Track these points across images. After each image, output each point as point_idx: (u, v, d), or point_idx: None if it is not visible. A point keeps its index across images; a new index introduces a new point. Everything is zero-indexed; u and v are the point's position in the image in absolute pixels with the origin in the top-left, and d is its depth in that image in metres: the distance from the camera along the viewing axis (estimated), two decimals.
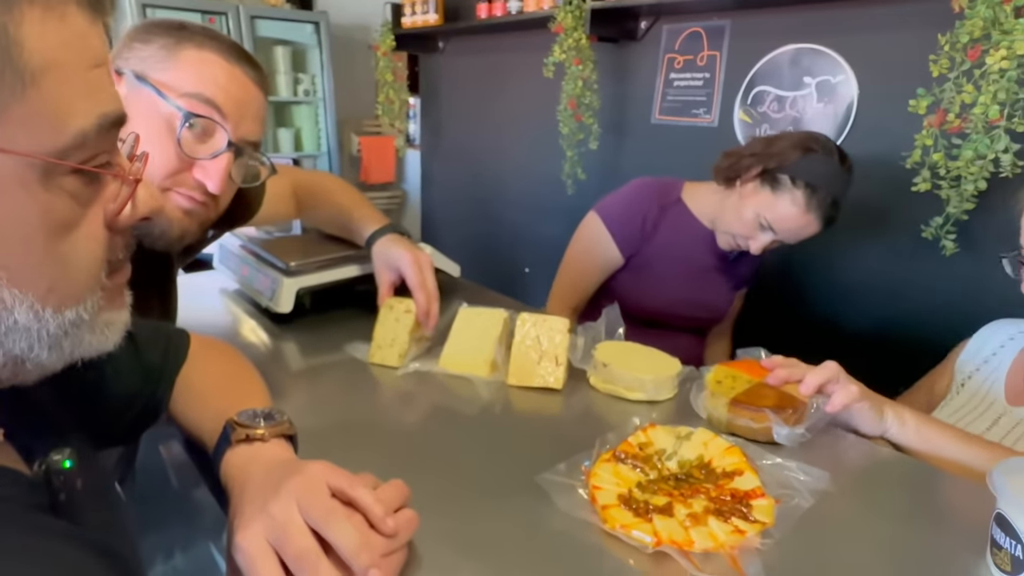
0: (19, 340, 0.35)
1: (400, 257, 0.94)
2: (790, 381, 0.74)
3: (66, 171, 0.34)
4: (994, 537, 0.51)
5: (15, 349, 0.35)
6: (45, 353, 0.37)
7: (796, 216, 1.11)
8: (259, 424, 0.56)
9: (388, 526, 0.47)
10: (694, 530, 0.54)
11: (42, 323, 0.35)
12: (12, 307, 0.34)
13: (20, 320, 0.34)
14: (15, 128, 0.31)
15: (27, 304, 0.34)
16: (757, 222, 1.14)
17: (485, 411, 0.78)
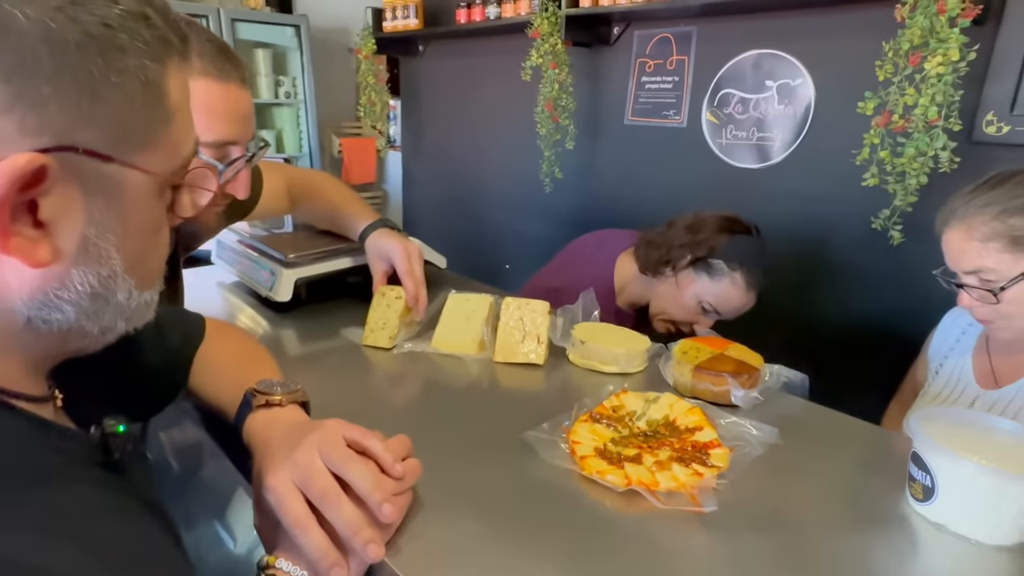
0: (113, 314, 0.43)
1: (391, 248, 1.01)
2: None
3: (169, 186, 0.43)
4: (910, 472, 0.61)
5: (107, 321, 0.43)
6: (123, 325, 0.45)
7: (738, 296, 1.20)
8: (276, 391, 0.64)
9: (397, 470, 0.54)
10: (659, 474, 0.62)
11: (130, 301, 0.43)
12: (117, 289, 0.42)
13: (120, 299, 0.42)
14: (156, 156, 0.40)
15: (128, 287, 0.42)
16: (700, 307, 1.22)
17: (474, 384, 0.86)
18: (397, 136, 3.62)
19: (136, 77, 0.38)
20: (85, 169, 0.37)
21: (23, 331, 0.41)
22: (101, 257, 0.40)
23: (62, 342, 0.44)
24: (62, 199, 0.37)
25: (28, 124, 0.34)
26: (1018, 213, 0.90)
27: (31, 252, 0.37)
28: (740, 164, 1.95)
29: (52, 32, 0.33)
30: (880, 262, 1.63)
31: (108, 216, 0.40)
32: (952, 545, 0.57)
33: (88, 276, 0.40)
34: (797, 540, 0.56)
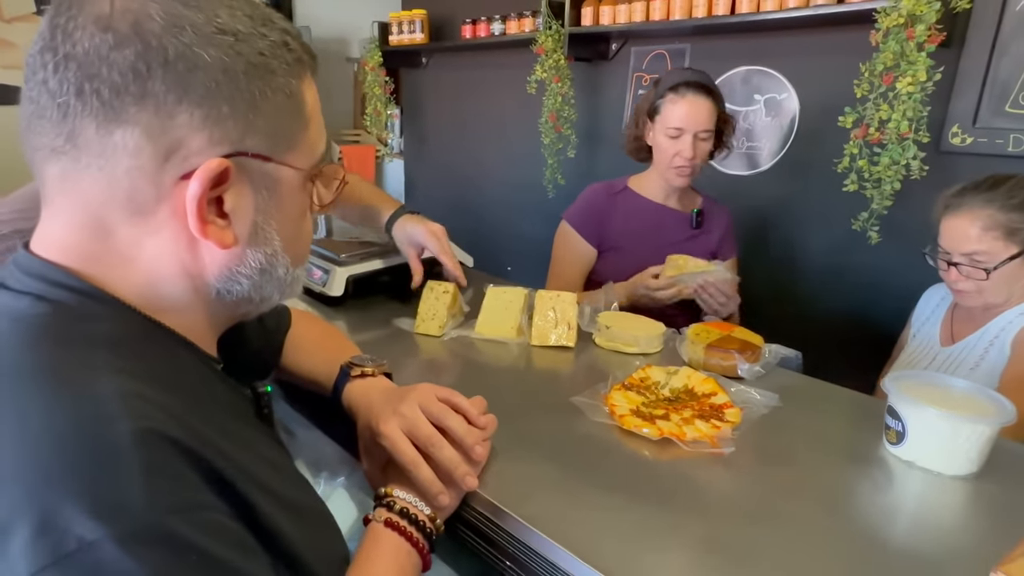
0: (273, 287, 0.55)
1: (416, 232, 1.14)
2: None
3: (311, 177, 0.54)
4: (886, 421, 0.76)
5: (266, 292, 0.55)
6: (277, 296, 0.57)
7: (687, 106, 1.38)
8: (368, 364, 0.77)
9: (481, 421, 0.68)
10: (685, 427, 0.76)
11: (287, 275, 0.55)
12: (278, 265, 0.54)
13: (280, 273, 0.54)
14: (300, 154, 0.51)
15: (286, 263, 0.54)
16: (669, 137, 1.40)
17: (516, 364, 0.99)
18: (397, 144, 3.74)
19: (283, 92, 0.48)
20: (252, 168, 0.48)
21: (214, 301, 0.53)
22: (267, 239, 0.51)
23: (236, 308, 0.56)
24: (238, 193, 0.48)
25: (215, 137, 0.45)
26: (1016, 210, 1.11)
27: (221, 237, 0.48)
28: (731, 171, 2.11)
29: (227, 64, 0.44)
30: (859, 260, 1.80)
31: (270, 205, 0.51)
32: (920, 477, 0.71)
33: (258, 255, 0.52)
34: (798, 474, 0.71)
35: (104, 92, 0.42)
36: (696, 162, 1.42)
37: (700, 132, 1.40)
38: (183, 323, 0.52)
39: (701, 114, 1.39)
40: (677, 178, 1.44)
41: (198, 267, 0.50)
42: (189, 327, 0.53)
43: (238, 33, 0.45)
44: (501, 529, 0.63)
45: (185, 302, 0.52)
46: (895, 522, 0.64)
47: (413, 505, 0.62)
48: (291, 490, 0.55)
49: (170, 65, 0.42)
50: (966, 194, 1.16)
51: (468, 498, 0.66)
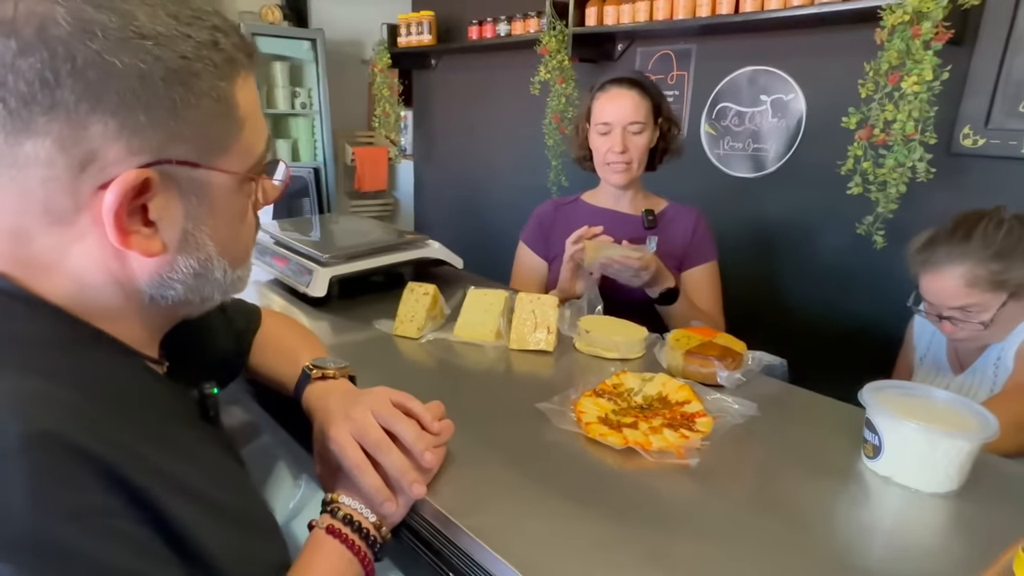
0: (211, 288, 0.54)
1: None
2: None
3: (248, 180, 0.53)
4: (864, 435, 0.72)
5: (205, 293, 0.54)
6: (218, 297, 0.56)
7: (611, 100, 1.36)
8: (330, 366, 0.76)
9: (435, 427, 0.66)
10: (652, 436, 0.74)
11: (226, 278, 0.55)
12: (214, 269, 0.53)
13: (217, 276, 0.53)
14: (233, 158, 0.50)
15: (223, 266, 0.53)
16: (599, 134, 1.38)
17: (492, 368, 0.97)
18: (408, 145, 3.75)
19: (210, 96, 0.46)
20: (179, 176, 0.47)
21: (148, 306, 0.52)
22: (199, 244, 0.50)
23: (173, 312, 0.55)
24: (165, 202, 0.47)
25: (133, 146, 0.44)
26: (994, 259, 1.05)
27: (146, 246, 0.47)
28: (736, 174, 2.07)
29: (143, 71, 0.43)
30: (865, 264, 1.75)
31: (200, 211, 0.50)
32: (897, 493, 0.68)
33: (190, 260, 0.51)
34: (766, 488, 0.68)
35: (10, 102, 0.40)
36: (630, 157, 1.37)
37: (629, 125, 1.36)
38: (117, 326, 0.51)
39: (626, 106, 1.35)
40: (613, 175, 1.40)
41: (127, 274, 0.49)
42: (123, 330, 0.52)
43: (157, 37, 0.44)
44: (447, 540, 0.61)
45: (117, 307, 0.51)
46: (867, 541, 0.61)
47: (357, 512, 0.61)
48: (227, 496, 0.54)
49: (79, 73, 0.41)
50: (938, 247, 1.10)
51: (417, 506, 0.64)
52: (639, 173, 1.41)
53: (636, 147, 1.37)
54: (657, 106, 1.39)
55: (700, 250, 1.44)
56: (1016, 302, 1.07)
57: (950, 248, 1.09)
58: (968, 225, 1.09)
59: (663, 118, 1.41)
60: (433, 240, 1.36)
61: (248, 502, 0.58)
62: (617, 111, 1.35)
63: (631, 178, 1.40)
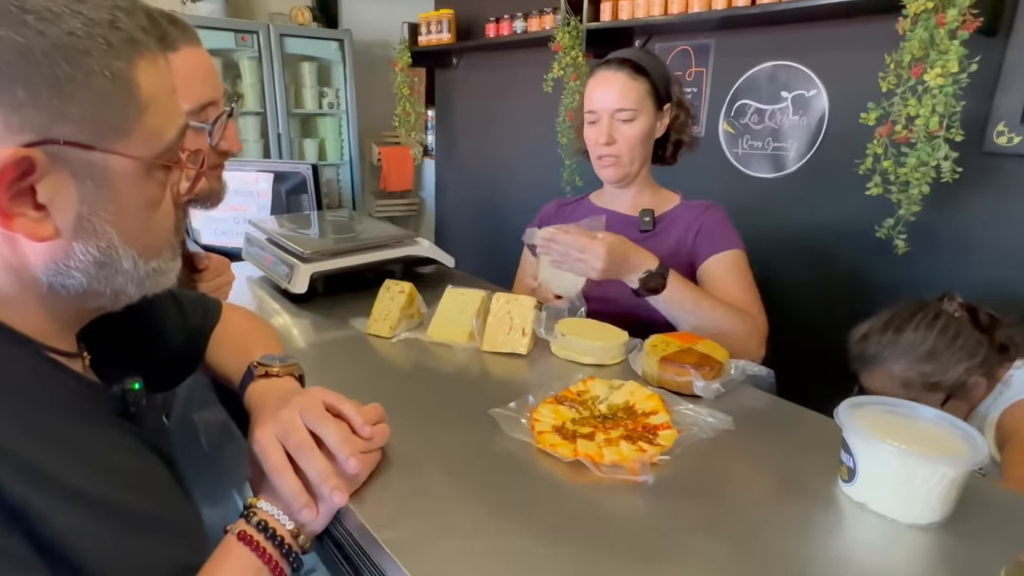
0: (121, 279, 0.52)
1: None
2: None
3: (158, 167, 0.51)
4: (840, 457, 0.65)
5: (117, 285, 0.52)
6: (133, 289, 0.54)
7: (598, 84, 1.21)
8: (275, 364, 0.73)
9: (365, 431, 0.63)
10: (606, 449, 0.69)
11: (137, 268, 0.52)
12: (121, 258, 0.51)
13: (126, 266, 0.51)
14: (135, 142, 0.48)
15: (131, 256, 0.51)
16: (589, 124, 1.24)
17: (461, 370, 0.93)
18: (432, 144, 3.75)
19: (102, 75, 0.44)
20: (71, 158, 0.45)
21: (48, 295, 0.50)
22: (97, 231, 0.48)
23: (81, 302, 0.53)
24: (55, 184, 0.45)
25: (12, 124, 0.42)
26: (924, 361, 1.00)
27: (35, 230, 0.45)
28: (756, 173, 1.97)
29: (20, 45, 0.41)
30: (887, 271, 1.64)
31: (98, 196, 0.47)
32: (871, 523, 0.61)
33: (88, 247, 0.48)
34: (726, 510, 0.62)
35: None
36: (619, 150, 1.20)
37: (616, 112, 1.19)
38: (15, 315, 0.50)
39: (613, 91, 1.18)
40: (602, 170, 1.26)
41: (19, 259, 0.48)
42: (24, 320, 0.50)
43: (41, 12, 0.42)
44: (363, 553, 0.57)
45: (14, 295, 0.49)
46: (831, 574, 0.55)
47: (274, 518, 0.58)
48: (127, 497, 0.52)
49: None
50: (870, 343, 1.05)
51: (340, 515, 0.61)
52: (635, 168, 1.24)
53: (626, 138, 1.20)
54: (660, 89, 1.21)
55: (710, 240, 1.21)
56: (959, 400, 1.00)
57: (880, 347, 1.04)
58: (901, 320, 1.03)
59: (672, 103, 1.24)
60: (423, 238, 1.33)
61: (157, 503, 0.56)
62: (603, 97, 1.20)
63: (624, 174, 1.24)
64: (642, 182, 1.29)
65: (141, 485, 0.54)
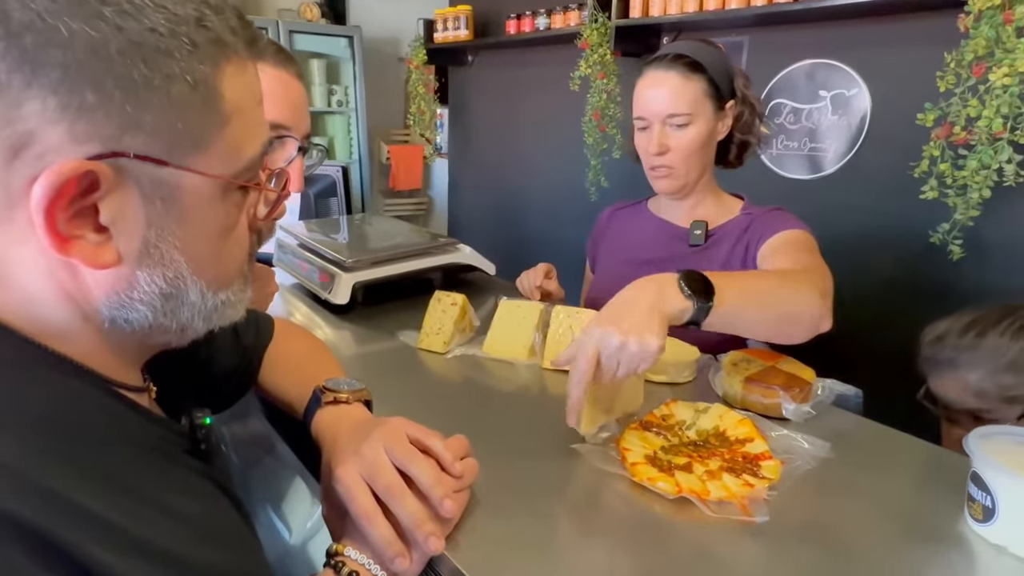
0: (190, 313, 0.46)
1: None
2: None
3: (236, 187, 0.44)
4: (970, 492, 0.60)
5: (183, 319, 0.46)
6: (200, 323, 0.47)
7: (646, 88, 1.10)
8: (344, 389, 0.67)
9: (456, 469, 0.57)
10: (710, 483, 0.63)
11: (204, 301, 0.46)
12: (188, 290, 0.44)
13: (193, 298, 0.45)
14: (213, 159, 0.41)
15: (199, 287, 0.45)
16: (639, 130, 1.14)
17: (524, 389, 0.88)
18: (444, 144, 3.69)
19: (184, 80, 0.38)
20: (140, 173, 0.39)
21: (110, 330, 0.44)
22: (164, 259, 0.42)
23: (146, 338, 0.47)
24: (120, 203, 0.39)
25: (77, 132, 0.36)
26: (1006, 371, 0.89)
27: (94, 255, 0.39)
28: (791, 175, 1.92)
29: (94, 41, 0.35)
30: (938, 277, 1.58)
31: (168, 219, 0.41)
32: (1013, 567, 0.56)
33: (154, 276, 0.42)
34: (849, 555, 0.56)
35: None
36: (673, 160, 1.09)
37: (668, 118, 1.08)
38: (78, 349, 0.44)
39: (663, 95, 1.07)
40: (655, 181, 1.15)
41: (80, 289, 0.41)
42: (89, 354, 0.44)
43: (121, 3, 0.36)
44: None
45: (76, 330, 0.43)
46: None
47: (365, 568, 0.52)
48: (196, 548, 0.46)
49: (14, 37, 0.33)
50: (945, 348, 0.94)
51: (433, 561, 0.55)
52: (693, 178, 1.12)
53: (682, 147, 1.08)
54: (720, 85, 1.09)
55: (763, 228, 1.09)
56: None
57: (957, 352, 0.93)
58: (984, 324, 0.92)
59: (736, 100, 1.12)
60: (464, 244, 1.27)
61: (230, 554, 0.50)
62: (652, 101, 1.08)
63: (680, 185, 1.13)
64: (702, 191, 1.17)
65: (215, 535, 0.49)
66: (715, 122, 1.11)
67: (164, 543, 0.42)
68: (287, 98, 0.79)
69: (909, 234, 1.61)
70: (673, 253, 1.18)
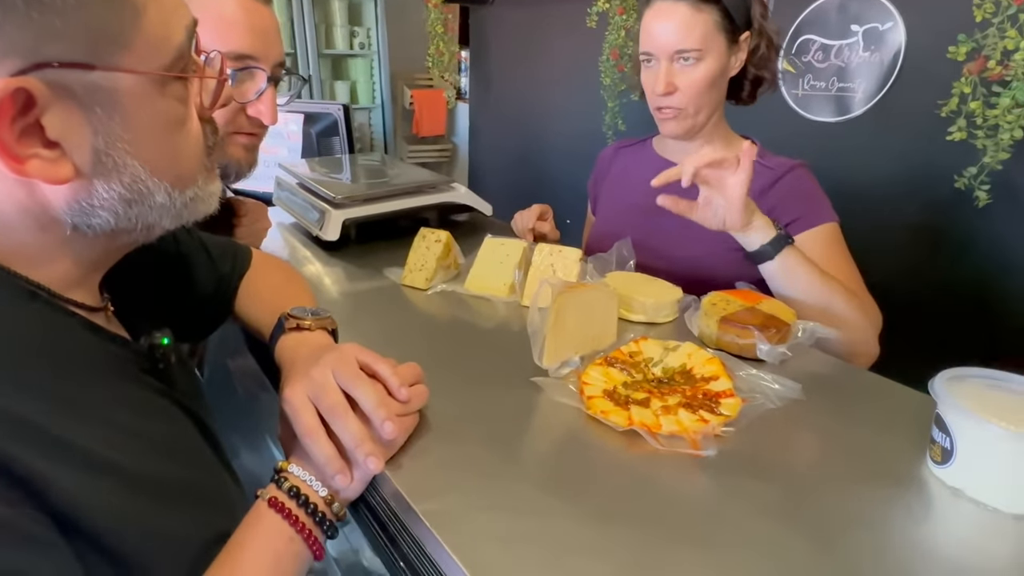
0: (155, 214, 0.47)
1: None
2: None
3: (172, 80, 0.44)
4: (932, 434, 0.58)
5: (150, 220, 0.47)
6: (169, 222, 0.49)
7: (652, 20, 1.02)
8: (308, 317, 0.68)
9: (402, 394, 0.57)
10: (663, 418, 0.62)
11: (173, 201, 0.47)
12: (154, 192, 0.45)
13: (160, 200, 0.46)
14: (140, 54, 0.41)
15: (163, 189, 0.46)
16: (645, 65, 1.07)
17: (501, 326, 0.88)
18: (466, 87, 3.62)
19: None
20: (72, 83, 0.38)
21: (73, 237, 0.45)
22: (118, 165, 0.42)
23: (110, 241, 0.48)
24: (62, 116, 0.39)
25: None
26: None
27: (52, 172, 0.40)
28: (816, 117, 1.82)
29: None
30: (961, 226, 1.50)
31: (112, 125, 0.41)
32: (968, 511, 0.54)
33: (112, 184, 0.43)
34: (798, 491, 0.55)
35: None
36: (682, 99, 1.02)
37: (676, 54, 1.00)
38: (35, 265, 0.45)
39: (670, 28, 0.99)
40: (663, 123, 1.09)
41: (37, 202, 0.42)
42: (44, 269, 0.46)
43: None
44: (401, 524, 0.53)
45: (32, 241, 0.44)
46: (921, 568, 0.48)
47: (306, 484, 0.54)
48: (152, 463, 0.48)
49: None
50: None
51: (377, 482, 0.56)
52: (701, 119, 1.06)
53: (690, 85, 1.01)
54: (735, 16, 1.01)
55: (801, 213, 1.03)
56: None
57: None
58: None
59: (752, 31, 1.03)
60: (458, 183, 1.26)
61: (190, 470, 0.52)
62: (659, 36, 1.01)
63: (688, 127, 1.06)
64: (711, 132, 1.11)
65: (168, 451, 0.51)
66: (727, 57, 1.04)
67: (108, 455, 0.44)
68: (250, 24, 0.76)
69: (933, 179, 1.52)
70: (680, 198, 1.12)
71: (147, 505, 0.45)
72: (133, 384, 0.52)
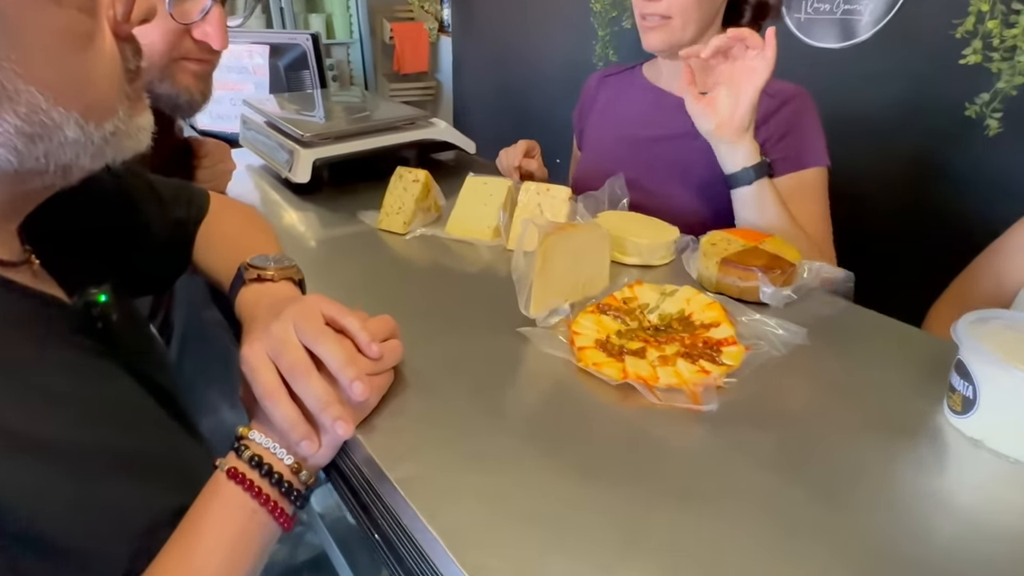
0: (69, 152, 0.39)
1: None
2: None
3: None
4: (951, 382, 0.54)
5: (64, 159, 0.40)
6: (88, 160, 0.41)
7: None
8: (270, 266, 0.62)
9: (373, 350, 0.52)
10: (661, 369, 0.57)
11: (87, 135, 0.40)
12: (62, 125, 0.38)
13: (70, 135, 0.39)
14: None
15: (72, 121, 0.38)
16: None
17: (485, 271, 0.82)
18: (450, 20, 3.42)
19: None
20: None
21: None
22: (8, 92, 0.35)
23: (18, 185, 0.41)
24: None
25: None
26: None
27: None
28: (819, 44, 1.71)
29: None
30: (971, 156, 1.43)
31: None
32: (988, 462, 0.50)
33: (4, 115, 0.36)
34: (804, 444, 0.51)
35: None
36: (667, 7, 0.95)
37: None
38: None
39: None
40: (646, 34, 1.00)
41: None
42: None
43: None
44: (372, 490, 0.48)
45: None
46: (939, 522, 0.45)
47: (269, 452, 0.49)
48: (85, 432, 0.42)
49: None
50: None
51: (347, 445, 0.51)
52: (688, 35, 0.97)
53: None
54: None
55: (796, 151, 0.98)
56: None
57: None
58: None
59: None
60: (438, 119, 1.17)
61: (133, 437, 0.47)
62: None
63: (671, 41, 0.98)
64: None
65: (102, 415, 0.45)
66: None
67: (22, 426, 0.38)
68: None
69: (942, 107, 1.44)
70: (673, 130, 1.05)
71: (77, 482, 0.40)
72: (62, 346, 0.46)
